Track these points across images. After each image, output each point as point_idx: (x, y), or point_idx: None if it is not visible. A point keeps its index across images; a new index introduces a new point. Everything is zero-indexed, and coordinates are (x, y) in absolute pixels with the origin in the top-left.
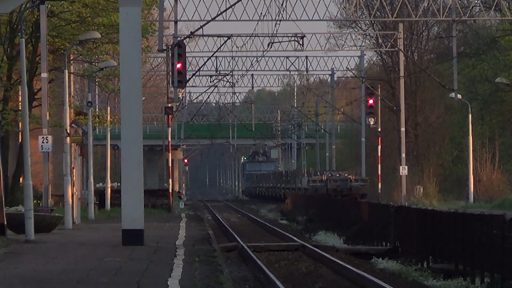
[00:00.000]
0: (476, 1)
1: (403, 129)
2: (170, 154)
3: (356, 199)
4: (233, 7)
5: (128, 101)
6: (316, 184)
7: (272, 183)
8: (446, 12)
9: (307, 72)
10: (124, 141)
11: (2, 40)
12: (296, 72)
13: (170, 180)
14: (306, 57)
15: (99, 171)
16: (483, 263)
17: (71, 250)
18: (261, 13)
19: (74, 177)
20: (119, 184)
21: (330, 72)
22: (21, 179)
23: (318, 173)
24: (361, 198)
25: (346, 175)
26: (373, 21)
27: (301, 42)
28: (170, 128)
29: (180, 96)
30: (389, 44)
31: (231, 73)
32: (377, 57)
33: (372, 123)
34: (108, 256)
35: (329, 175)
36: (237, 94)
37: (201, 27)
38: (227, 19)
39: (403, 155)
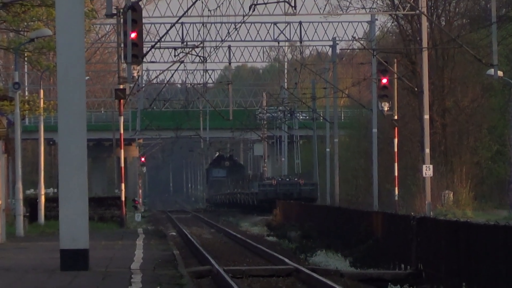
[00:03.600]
0: None
1: (427, 116)
2: (122, 151)
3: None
4: None
5: (67, 82)
6: (266, 189)
7: (230, 189)
8: None
9: (301, 42)
10: (62, 134)
11: None
12: (287, 43)
13: (123, 185)
14: (300, 22)
15: (29, 173)
16: None
17: None
18: None
19: None
20: (56, 190)
21: (331, 43)
22: None
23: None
24: (311, 202)
25: (296, 179)
26: None
27: (293, 4)
28: (122, 117)
29: (135, 75)
30: (408, 5)
31: (201, 45)
32: (392, 22)
33: (386, 109)
34: (43, 285)
35: (279, 179)
36: (210, 72)
37: None
38: None
39: (427, 150)
